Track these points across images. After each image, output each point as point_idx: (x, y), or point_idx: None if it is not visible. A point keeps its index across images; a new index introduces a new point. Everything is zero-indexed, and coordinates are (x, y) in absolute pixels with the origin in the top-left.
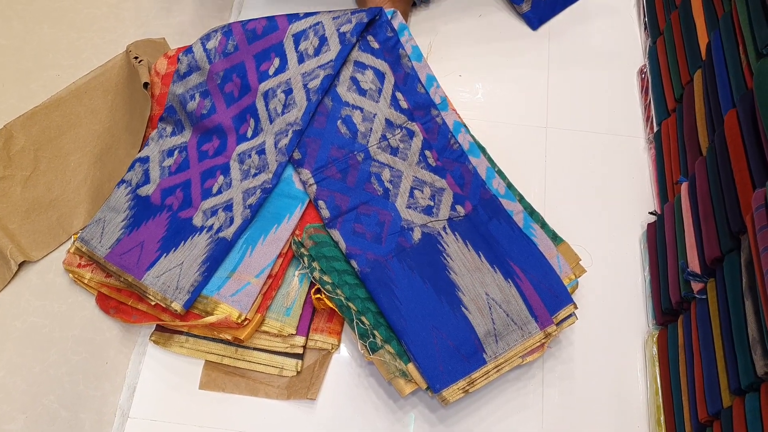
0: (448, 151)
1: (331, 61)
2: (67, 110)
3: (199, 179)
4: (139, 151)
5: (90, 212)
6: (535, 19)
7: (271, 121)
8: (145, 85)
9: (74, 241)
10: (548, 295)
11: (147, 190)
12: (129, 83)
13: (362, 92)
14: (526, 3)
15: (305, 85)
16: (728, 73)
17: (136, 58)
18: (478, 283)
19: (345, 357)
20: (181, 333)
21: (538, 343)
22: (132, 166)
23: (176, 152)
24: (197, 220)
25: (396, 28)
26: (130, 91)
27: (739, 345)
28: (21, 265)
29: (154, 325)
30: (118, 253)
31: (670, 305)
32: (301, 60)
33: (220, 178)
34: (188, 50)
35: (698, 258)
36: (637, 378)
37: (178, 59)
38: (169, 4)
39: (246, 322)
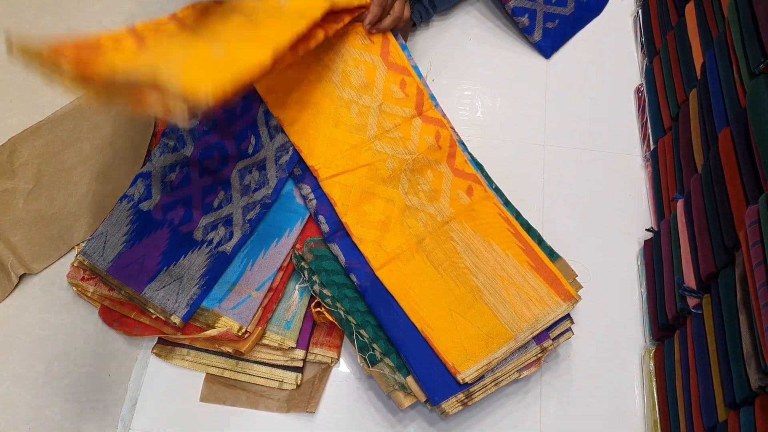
0: None
1: None
2: (71, 125)
3: (200, 194)
4: (142, 166)
5: (91, 226)
6: (547, 48)
7: (271, 138)
8: None
9: (77, 254)
10: None
11: (149, 204)
12: None
13: None
14: (538, 32)
15: None
16: (722, 92)
17: None
18: None
19: (344, 371)
20: (182, 346)
21: (534, 358)
22: (134, 181)
23: (178, 168)
24: (198, 235)
25: None
26: None
27: (733, 359)
28: (23, 277)
29: (156, 338)
30: (120, 266)
31: (666, 321)
32: None
33: (221, 194)
34: None
35: (694, 273)
36: (635, 393)
37: None
38: None
39: (247, 335)
